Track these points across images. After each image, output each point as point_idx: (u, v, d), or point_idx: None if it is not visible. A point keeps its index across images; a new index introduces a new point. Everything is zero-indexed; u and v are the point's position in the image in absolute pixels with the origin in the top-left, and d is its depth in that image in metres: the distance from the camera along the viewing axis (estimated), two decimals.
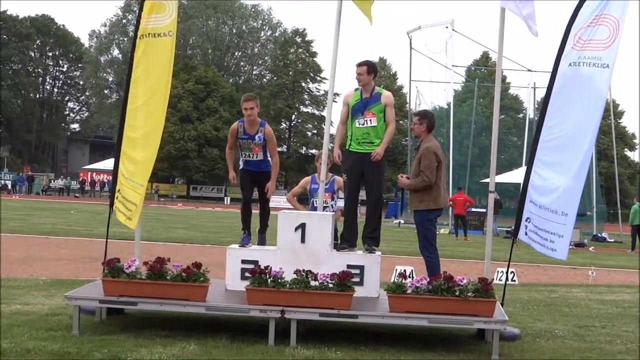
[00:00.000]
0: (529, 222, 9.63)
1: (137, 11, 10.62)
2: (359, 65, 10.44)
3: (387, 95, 10.48)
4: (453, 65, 47.37)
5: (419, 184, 9.89)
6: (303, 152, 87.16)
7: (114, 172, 10.27)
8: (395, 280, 9.16)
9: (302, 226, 9.90)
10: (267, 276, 8.88)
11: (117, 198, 10.18)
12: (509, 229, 32.28)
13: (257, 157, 10.71)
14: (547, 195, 9.51)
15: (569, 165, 9.46)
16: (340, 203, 11.70)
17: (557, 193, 9.44)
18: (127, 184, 10.05)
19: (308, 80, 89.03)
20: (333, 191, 11.71)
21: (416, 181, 9.93)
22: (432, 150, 9.89)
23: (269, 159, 10.81)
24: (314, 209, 11.43)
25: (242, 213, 10.89)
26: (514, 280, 15.65)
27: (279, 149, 11.09)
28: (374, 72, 10.49)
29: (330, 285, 8.80)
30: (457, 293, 8.69)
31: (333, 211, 11.54)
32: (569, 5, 9.84)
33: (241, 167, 10.91)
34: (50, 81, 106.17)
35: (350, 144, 10.41)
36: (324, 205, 11.38)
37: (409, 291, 8.77)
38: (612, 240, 38.09)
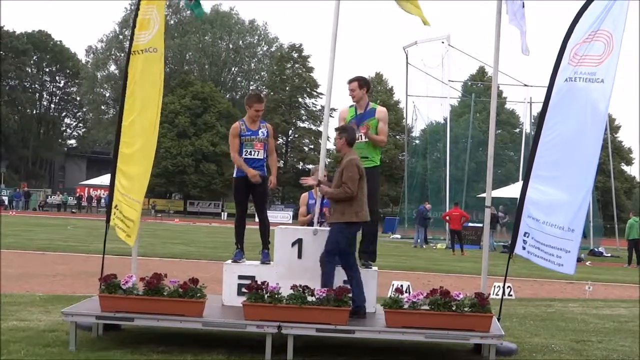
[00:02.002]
0: (527, 236, 9.65)
1: (131, 27, 10.66)
2: (350, 81, 10.49)
3: (381, 110, 10.52)
4: (449, 80, 47.53)
5: (341, 194, 9.64)
6: (300, 167, 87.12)
7: (110, 188, 10.27)
8: (392, 295, 9.16)
9: (299, 242, 9.94)
10: (264, 292, 8.88)
11: (114, 214, 10.18)
12: (506, 244, 32.26)
13: (258, 154, 10.44)
14: (550, 211, 9.54)
15: (569, 180, 9.51)
16: None
17: (562, 209, 9.49)
18: (123, 200, 10.05)
19: (305, 96, 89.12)
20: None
21: (338, 191, 9.66)
22: (354, 163, 9.67)
23: (266, 159, 10.63)
24: (312, 224, 11.40)
25: (236, 228, 10.80)
26: (511, 295, 15.65)
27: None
28: (366, 86, 10.53)
29: (327, 301, 8.80)
30: (453, 308, 8.71)
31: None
32: (565, 20, 9.91)
33: (235, 174, 10.63)
34: (47, 97, 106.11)
35: None
36: (322, 219, 11.36)
37: (405, 306, 8.78)
38: (609, 254, 38.10)
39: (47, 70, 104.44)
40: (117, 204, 10.14)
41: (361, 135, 10.33)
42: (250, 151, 10.42)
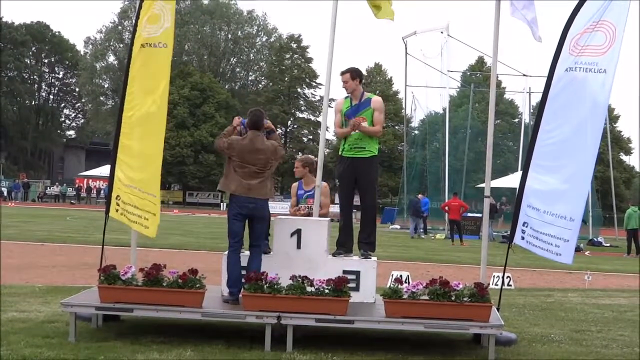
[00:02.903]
0: (526, 226, 9.64)
1: (134, 19, 10.57)
2: (342, 73, 10.47)
3: (376, 100, 10.49)
4: (448, 71, 47.48)
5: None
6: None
7: (110, 178, 10.20)
8: (391, 285, 9.15)
9: (298, 232, 9.92)
10: (263, 282, 8.88)
11: (117, 205, 10.08)
12: (505, 234, 32.29)
13: None
14: (550, 200, 9.53)
15: (569, 170, 9.50)
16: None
17: (562, 198, 9.48)
18: (129, 191, 9.95)
19: (304, 86, 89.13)
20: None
21: None
22: (231, 141, 9.80)
23: None
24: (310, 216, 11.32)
25: None
26: (510, 285, 15.66)
27: None
28: (358, 77, 10.48)
29: (326, 291, 8.80)
30: (453, 298, 8.70)
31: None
32: (565, 10, 9.87)
33: None
34: (46, 88, 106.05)
35: (343, 149, 10.44)
36: (310, 211, 11.31)
37: (405, 296, 8.78)
38: (608, 244, 38.12)
39: (46, 61, 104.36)
40: (120, 194, 10.06)
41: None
42: None
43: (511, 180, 40.59)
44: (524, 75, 48.66)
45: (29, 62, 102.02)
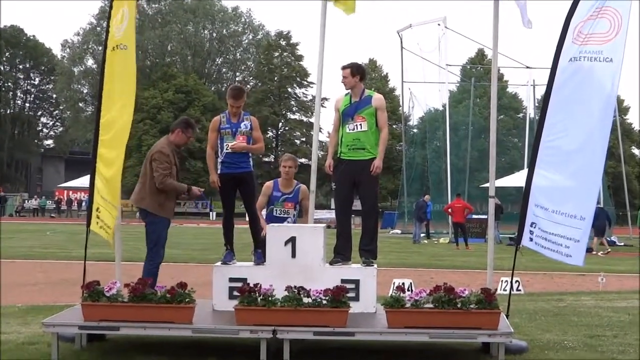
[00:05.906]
0: (534, 227, 9.64)
1: (106, 20, 10.61)
2: (343, 68, 10.44)
3: (377, 98, 10.46)
4: (447, 65, 47.57)
5: None
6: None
7: (90, 189, 10.20)
8: (393, 294, 9.14)
9: (292, 240, 9.87)
10: (257, 294, 8.85)
11: (97, 217, 10.10)
12: (512, 236, 32.30)
13: None
14: (559, 198, 9.53)
15: (578, 165, 9.50)
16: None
17: (571, 196, 9.47)
18: (102, 204, 9.98)
19: (294, 85, 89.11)
20: (297, 201, 11.46)
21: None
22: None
23: (250, 155, 10.56)
24: (273, 218, 11.26)
25: (224, 228, 10.66)
26: (519, 290, 15.66)
27: (266, 159, 10.88)
28: (359, 73, 10.44)
29: (324, 302, 8.78)
30: (459, 305, 8.69)
31: (294, 222, 11.37)
32: None
33: (219, 170, 10.44)
34: (22, 95, 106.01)
35: (341, 151, 10.37)
36: (286, 215, 11.29)
37: (407, 305, 8.76)
38: (622, 243, 38.10)
39: (21, 67, 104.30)
40: (98, 207, 10.07)
41: (357, 125, 10.28)
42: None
43: (517, 179, 40.57)
44: (527, 67, 48.79)
45: (2, 68, 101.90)
